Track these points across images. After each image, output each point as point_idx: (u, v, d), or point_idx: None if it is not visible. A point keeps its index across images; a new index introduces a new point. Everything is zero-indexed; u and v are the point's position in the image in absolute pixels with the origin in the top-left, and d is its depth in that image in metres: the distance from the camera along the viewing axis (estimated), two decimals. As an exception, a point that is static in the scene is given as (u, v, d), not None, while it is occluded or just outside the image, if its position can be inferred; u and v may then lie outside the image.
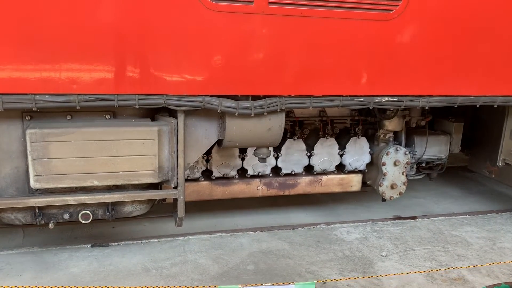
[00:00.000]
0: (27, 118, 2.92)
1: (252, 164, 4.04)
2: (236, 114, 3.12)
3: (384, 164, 4.17)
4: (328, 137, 4.16)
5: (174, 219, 3.53)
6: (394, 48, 3.23)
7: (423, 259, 3.65)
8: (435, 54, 3.32)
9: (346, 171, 4.32)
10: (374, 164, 4.32)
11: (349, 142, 4.22)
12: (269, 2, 2.90)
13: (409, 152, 4.27)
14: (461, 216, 4.58)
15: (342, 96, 3.29)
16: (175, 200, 3.35)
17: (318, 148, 4.15)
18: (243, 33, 2.95)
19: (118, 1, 2.71)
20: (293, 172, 4.17)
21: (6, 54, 2.64)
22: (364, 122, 4.30)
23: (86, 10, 2.68)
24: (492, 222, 4.47)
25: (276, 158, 4.09)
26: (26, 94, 2.73)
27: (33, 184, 2.90)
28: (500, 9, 3.36)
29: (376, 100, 3.37)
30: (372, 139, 4.32)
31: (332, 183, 4.31)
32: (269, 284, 3.02)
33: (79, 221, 3.19)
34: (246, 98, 3.16)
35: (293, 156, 4.12)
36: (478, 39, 3.39)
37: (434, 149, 4.53)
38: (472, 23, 3.34)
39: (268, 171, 4.12)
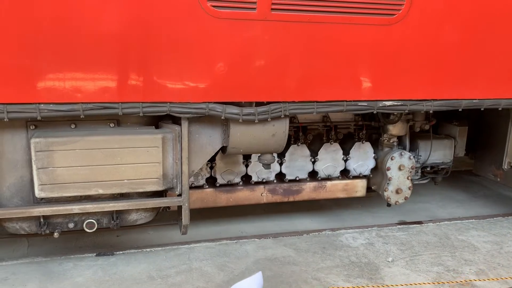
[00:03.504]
0: (31, 128, 2.93)
1: (256, 171, 4.03)
2: (240, 120, 3.12)
3: (388, 169, 4.15)
4: (332, 142, 4.15)
5: (179, 226, 3.52)
6: (397, 52, 3.23)
7: (430, 264, 3.62)
8: (438, 57, 3.32)
9: (351, 177, 4.30)
10: (378, 169, 4.30)
11: (353, 147, 4.21)
12: (272, 9, 2.91)
13: (414, 157, 4.25)
14: (467, 220, 4.54)
15: (346, 101, 3.29)
16: (179, 207, 3.34)
17: (322, 153, 4.14)
18: (246, 39, 2.95)
19: (121, 9, 2.73)
20: (297, 178, 4.16)
21: (10, 64, 2.65)
22: (368, 127, 4.29)
23: (90, 19, 2.69)
24: (498, 226, 4.43)
25: (280, 164, 4.08)
26: (30, 104, 2.73)
27: (38, 193, 2.90)
28: (504, 12, 3.35)
29: (380, 105, 3.37)
30: (376, 144, 4.31)
31: (336, 188, 4.29)
32: None
33: (83, 230, 3.18)
34: (249, 104, 3.16)
35: (297, 162, 4.11)
36: (482, 42, 3.39)
37: (439, 153, 4.51)
38: (475, 26, 3.34)
39: (272, 177, 4.11)
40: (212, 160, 3.88)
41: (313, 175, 4.22)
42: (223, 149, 3.49)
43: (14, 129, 2.91)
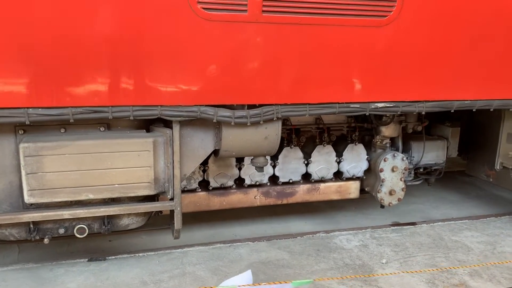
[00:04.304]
0: (20, 132, 2.89)
1: (249, 174, 4.01)
2: (232, 123, 3.09)
3: (382, 171, 4.15)
4: (325, 144, 4.14)
5: (171, 231, 3.49)
6: (389, 54, 3.23)
7: (424, 266, 3.62)
8: (430, 59, 3.32)
9: (344, 178, 4.30)
10: (372, 171, 4.30)
11: (346, 149, 4.20)
12: (263, 11, 2.90)
13: (407, 158, 4.25)
14: (460, 221, 4.55)
15: (338, 103, 3.28)
16: (172, 211, 3.31)
17: (315, 155, 4.13)
18: (238, 42, 2.94)
19: (111, 12, 2.70)
20: (290, 181, 4.14)
21: (-2, 68, 2.61)
22: (360, 128, 4.28)
23: (79, 23, 2.66)
24: (491, 226, 4.45)
25: (274, 166, 4.06)
26: (19, 108, 2.69)
27: (27, 199, 2.86)
28: (495, 13, 3.37)
29: (372, 107, 3.36)
30: (369, 146, 4.31)
31: (330, 190, 4.28)
32: (265, 283, 2.98)
33: (74, 235, 3.15)
34: (242, 107, 3.14)
35: (291, 165, 4.10)
36: (473, 43, 3.39)
37: (432, 154, 4.52)
38: (467, 28, 3.35)
39: (265, 180, 4.09)
40: (204, 163, 3.85)
41: (306, 177, 4.21)
42: (215, 152, 3.46)
43: (3, 134, 2.86)
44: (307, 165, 4.14)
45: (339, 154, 4.20)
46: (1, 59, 2.60)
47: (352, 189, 4.34)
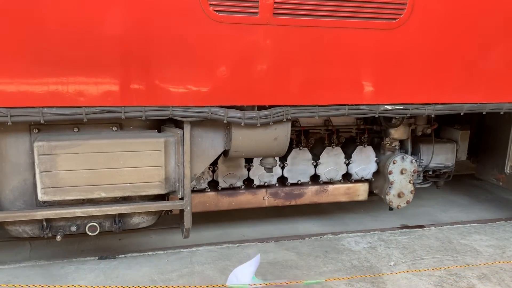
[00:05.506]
0: (34, 131, 2.94)
1: (258, 174, 4.03)
2: (242, 124, 3.12)
3: (390, 173, 4.15)
4: (334, 146, 4.15)
5: (181, 230, 3.52)
6: (399, 57, 3.24)
7: (433, 268, 3.61)
8: (440, 61, 3.33)
9: (353, 180, 4.31)
10: (380, 173, 4.30)
11: (355, 151, 4.21)
12: (274, 13, 2.93)
13: (416, 160, 4.25)
14: (469, 225, 4.53)
15: (348, 105, 3.29)
16: (181, 211, 3.35)
17: (324, 157, 4.14)
18: (248, 43, 2.97)
19: (124, 14, 2.74)
20: (299, 182, 4.15)
21: (14, 68, 2.67)
22: (369, 130, 4.29)
23: (92, 24, 2.71)
24: (501, 230, 4.42)
25: (282, 168, 4.08)
26: (33, 107, 2.75)
27: (41, 196, 2.91)
28: (505, 15, 3.36)
29: (382, 109, 3.37)
30: (378, 148, 4.31)
31: (338, 192, 4.29)
32: (276, 284, 3.02)
33: (86, 233, 3.19)
34: (252, 108, 3.17)
35: (299, 166, 4.11)
36: (484, 46, 3.39)
37: (441, 157, 4.50)
38: (477, 30, 3.35)
39: (274, 181, 4.11)
40: (214, 163, 3.88)
41: (315, 178, 4.22)
42: (225, 153, 3.49)
43: (17, 133, 2.92)
44: (315, 166, 4.15)
45: (347, 156, 4.21)
46: (16, 60, 2.66)
47: (361, 191, 4.35)
